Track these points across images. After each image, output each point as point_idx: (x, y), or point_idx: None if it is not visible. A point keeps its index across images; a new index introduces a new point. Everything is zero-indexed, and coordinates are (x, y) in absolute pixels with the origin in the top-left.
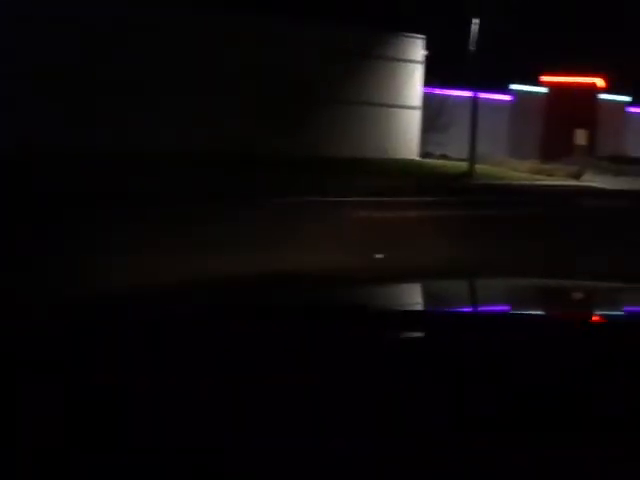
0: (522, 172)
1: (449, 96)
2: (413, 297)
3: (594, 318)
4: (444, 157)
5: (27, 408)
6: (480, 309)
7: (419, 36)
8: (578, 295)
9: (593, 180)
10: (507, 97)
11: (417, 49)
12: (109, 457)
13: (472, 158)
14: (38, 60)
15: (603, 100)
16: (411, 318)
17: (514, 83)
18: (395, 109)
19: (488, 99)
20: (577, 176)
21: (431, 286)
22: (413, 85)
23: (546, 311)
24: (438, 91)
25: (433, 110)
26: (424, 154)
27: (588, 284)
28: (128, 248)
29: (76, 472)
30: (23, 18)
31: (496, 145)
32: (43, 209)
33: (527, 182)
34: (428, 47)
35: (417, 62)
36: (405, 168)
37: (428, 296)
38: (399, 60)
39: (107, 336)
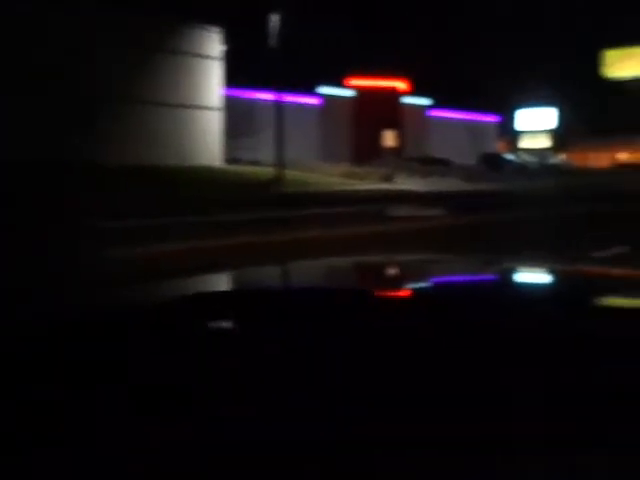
0: (335, 177)
1: (256, 99)
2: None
3: (403, 292)
4: (255, 163)
5: (26, 407)
6: (296, 290)
7: (216, 29)
8: (391, 270)
9: (405, 182)
10: (315, 100)
11: (214, 43)
12: (109, 456)
13: (281, 164)
14: None
15: (406, 103)
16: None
17: (321, 85)
18: (192, 110)
19: (296, 102)
20: (388, 179)
21: (244, 273)
22: (211, 83)
23: (362, 287)
24: (244, 93)
25: (239, 113)
26: (231, 160)
27: (403, 259)
28: None
29: (74, 471)
30: None
31: (308, 149)
32: None
33: (340, 188)
34: (228, 42)
35: (214, 58)
36: (201, 176)
37: (241, 284)
38: (194, 55)
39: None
